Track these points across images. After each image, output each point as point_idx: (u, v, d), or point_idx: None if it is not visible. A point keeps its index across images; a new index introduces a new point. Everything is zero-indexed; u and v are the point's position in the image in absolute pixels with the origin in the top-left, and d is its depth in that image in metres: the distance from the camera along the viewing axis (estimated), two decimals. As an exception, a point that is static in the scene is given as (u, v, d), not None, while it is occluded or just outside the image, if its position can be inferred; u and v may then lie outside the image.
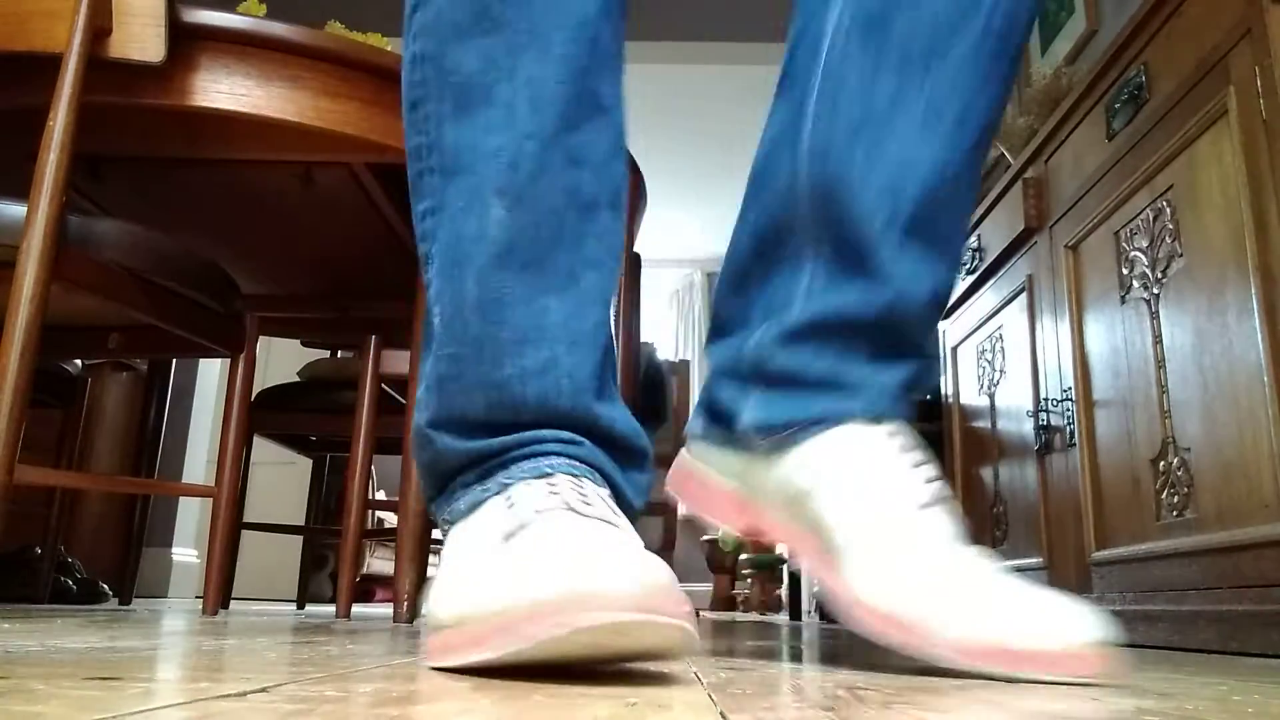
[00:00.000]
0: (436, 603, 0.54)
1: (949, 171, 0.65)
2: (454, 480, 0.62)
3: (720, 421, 0.72)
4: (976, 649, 0.55)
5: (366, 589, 4.22)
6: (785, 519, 0.68)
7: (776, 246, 0.71)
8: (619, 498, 0.61)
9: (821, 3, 0.70)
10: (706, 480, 0.75)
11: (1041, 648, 0.54)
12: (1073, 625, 0.55)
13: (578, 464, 0.59)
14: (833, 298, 0.66)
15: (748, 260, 0.73)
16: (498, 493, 0.57)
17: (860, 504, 0.62)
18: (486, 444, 0.60)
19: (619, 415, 0.63)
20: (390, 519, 3.87)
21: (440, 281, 0.63)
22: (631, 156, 1.93)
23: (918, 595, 0.58)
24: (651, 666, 0.57)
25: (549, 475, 0.57)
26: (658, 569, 0.45)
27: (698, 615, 3.32)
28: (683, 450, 0.78)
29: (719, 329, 0.75)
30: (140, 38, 1.26)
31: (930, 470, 0.64)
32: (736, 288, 0.74)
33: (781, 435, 0.66)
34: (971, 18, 0.65)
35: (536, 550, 0.48)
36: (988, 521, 1.97)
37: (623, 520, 0.55)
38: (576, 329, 0.62)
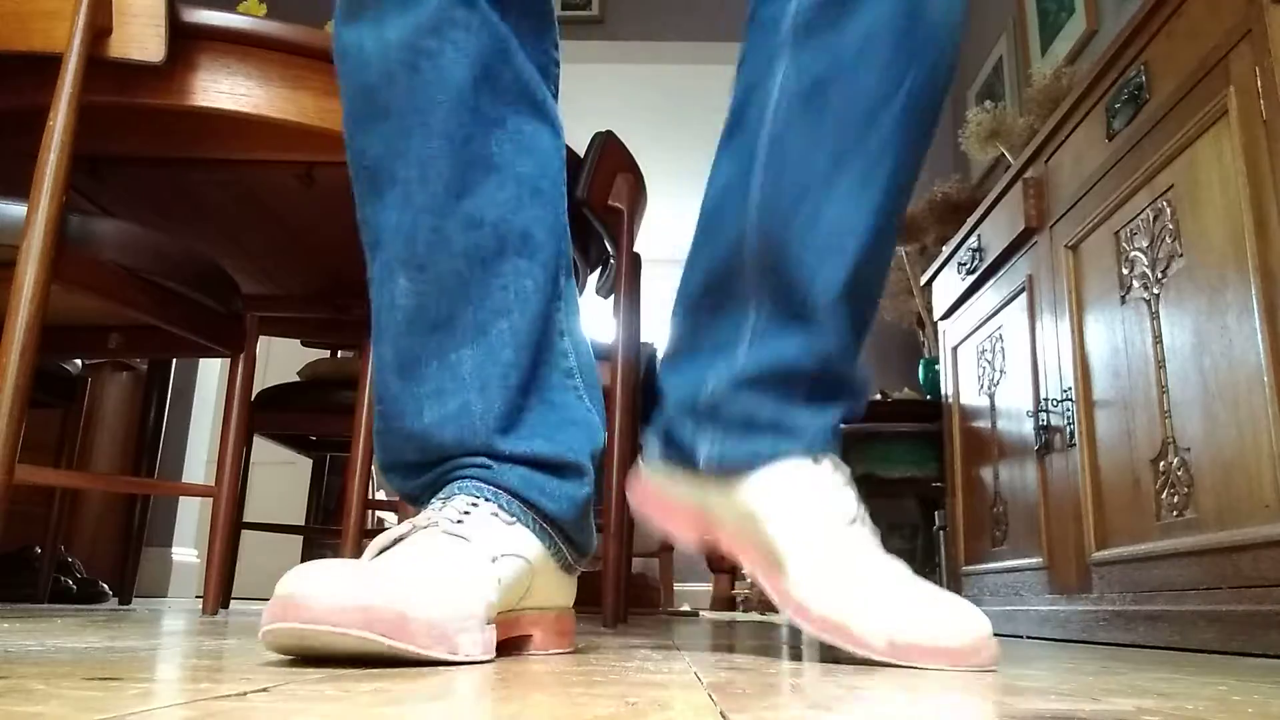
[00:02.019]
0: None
1: (880, 234, 0.73)
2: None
3: (676, 450, 0.79)
4: (897, 646, 0.64)
5: (366, 589, 4.20)
6: (737, 535, 0.76)
7: (725, 287, 0.77)
8: (536, 508, 0.71)
9: (767, 63, 0.74)
10: (665, 498, 0.82)
11: (947, 644, 0.63)
12: (970, 623, 0.64)
13: (484, 485, 0.69)
14: (776, 346, 0.73)
15: (699, 294, 0.80)
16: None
17: (799, 524, 0.71)
18: (422, 481, 0.72)
19: (536, 441, 0.73)
20: (390, 519, 3.87)
21: (372, 347, 0.75)
22: (630, 155, 1.92)
23: (844, 599, 0.67)
24: (651, 666, 0.57)
25: (448, 498, 0.68)
26: (370, 587, 0.52)
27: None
28: (641, 468, 0.84)
29: (673, 353, 0.82)
30: (140, 38, 1.26)
31: (854, 492, 0.74)
32: (689, 314, 0.81)
33: (734, 469, 0.74)
34: (896, 91, 0.71)
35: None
36: (988, 521, 1.97)
37: (473, 530, 0.64)
38: (487, 375, 0.71)
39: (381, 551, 0.62)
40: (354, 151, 0.74)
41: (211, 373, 3.50)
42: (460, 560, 0.61)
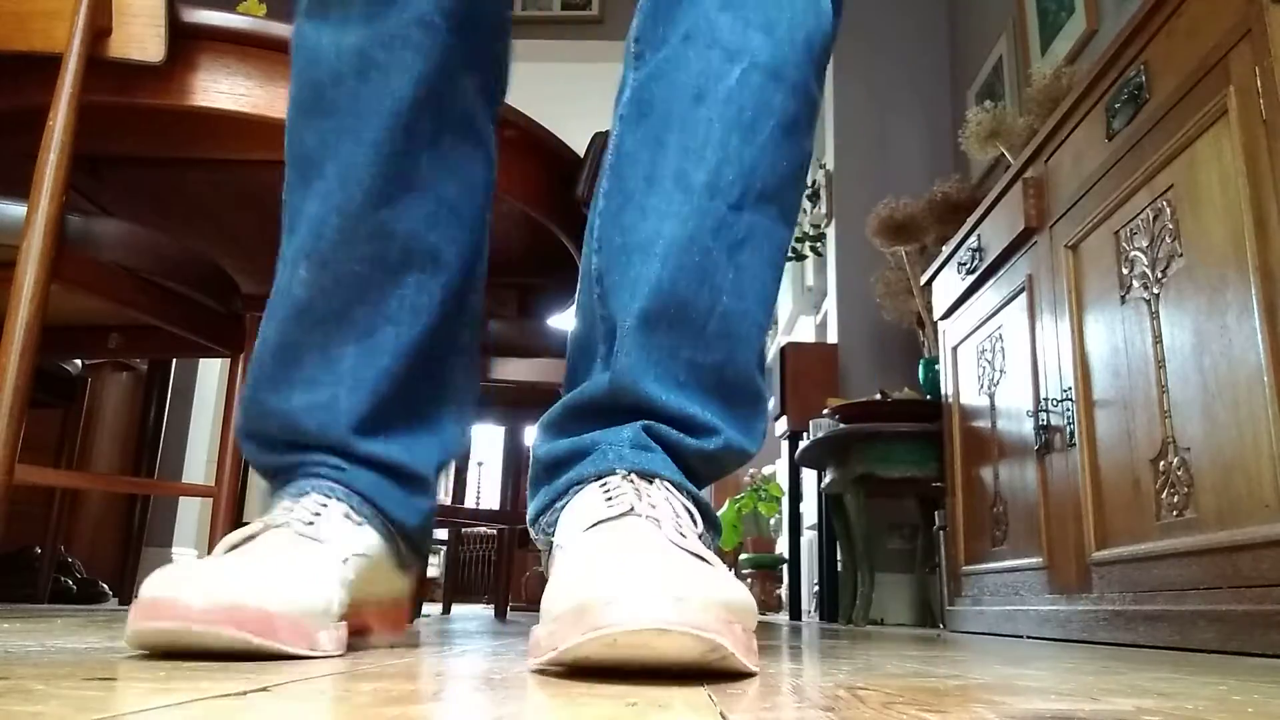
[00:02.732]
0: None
1: (698, 242, 0.65)
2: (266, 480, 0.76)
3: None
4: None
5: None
6: None
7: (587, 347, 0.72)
8: (385, 514, 0.72)
9: (622, 87, 0.73)
10: None
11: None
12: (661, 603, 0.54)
13: (337, 486, 0.71)
14: (587, 385, 0.68)
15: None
16: (273, 505, 0.70)
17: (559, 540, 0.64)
18: (277, 460, 0.74)
19: (394, 448, 0.74)
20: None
21: (261, 324, 0.76)
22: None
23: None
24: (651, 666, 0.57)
25: (300, 496, 0.69)
26: (236, 587, 0.54)
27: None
28: None
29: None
30: (140, 38, 1.26)
31: (617, 500, 0.61)
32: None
33: (544, 521, 0.67)
34: (717, 81, 0.67)
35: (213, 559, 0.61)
36: (988, 521, 1.97)
37: (325, 532, 0.66)
38: (362, 375, 0.73)
39: (233, 548, 0.64)
40: (291, 138, 0.78)
41: (211, 373, 3.50)
42: (315, 561, 0.64)
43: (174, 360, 2.52)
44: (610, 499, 0.60)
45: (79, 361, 2.24)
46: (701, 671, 0.48)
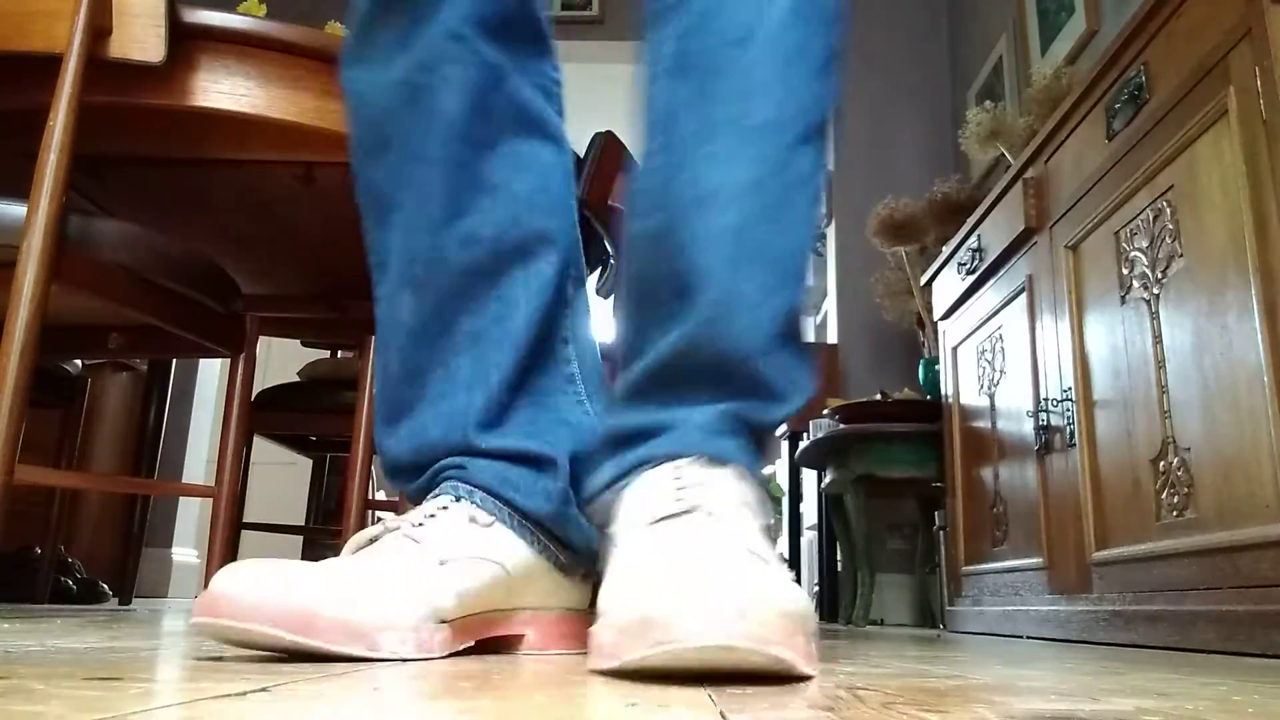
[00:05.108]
0: None
1: (767, 183, 0.66)
2: None
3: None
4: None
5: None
6: None
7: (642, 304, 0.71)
8: (510, 504, 0.72)
9: (655, 44, 0.72)
10: None
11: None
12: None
13: (460, 485, 0.72)
14: (661, 344, 0.66)
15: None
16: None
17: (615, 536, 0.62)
18: (420, 483, 0.75)
19: (513, 436, 0.74)
20: (390, 519, 3.86)
21: (377, 359, 0.79)
22: (630, 155, 1.92)
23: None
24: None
25: (429, 500, 0.71)
26: (285, 587, 0.56)
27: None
28: None
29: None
30: (140, 38, 1.26)
31: (685, 493, 0.60)
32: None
33: (604, 501, 0.66)
34: (757, 24, 0.67)
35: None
36: (988, 521, 1.97)
37: (429, 534, 0.66)
38: (476, 376, 0.75)
39: (358, 549, 0.66)
40: (362, 182, 0.80)
41: (211, 373, 3.50)
42: (401, 562, 0.64)
43: (174, 360, 2.52)
44: (679, 490, 0.60)
45: (79, 361, 2.24)
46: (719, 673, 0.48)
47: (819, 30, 0.69)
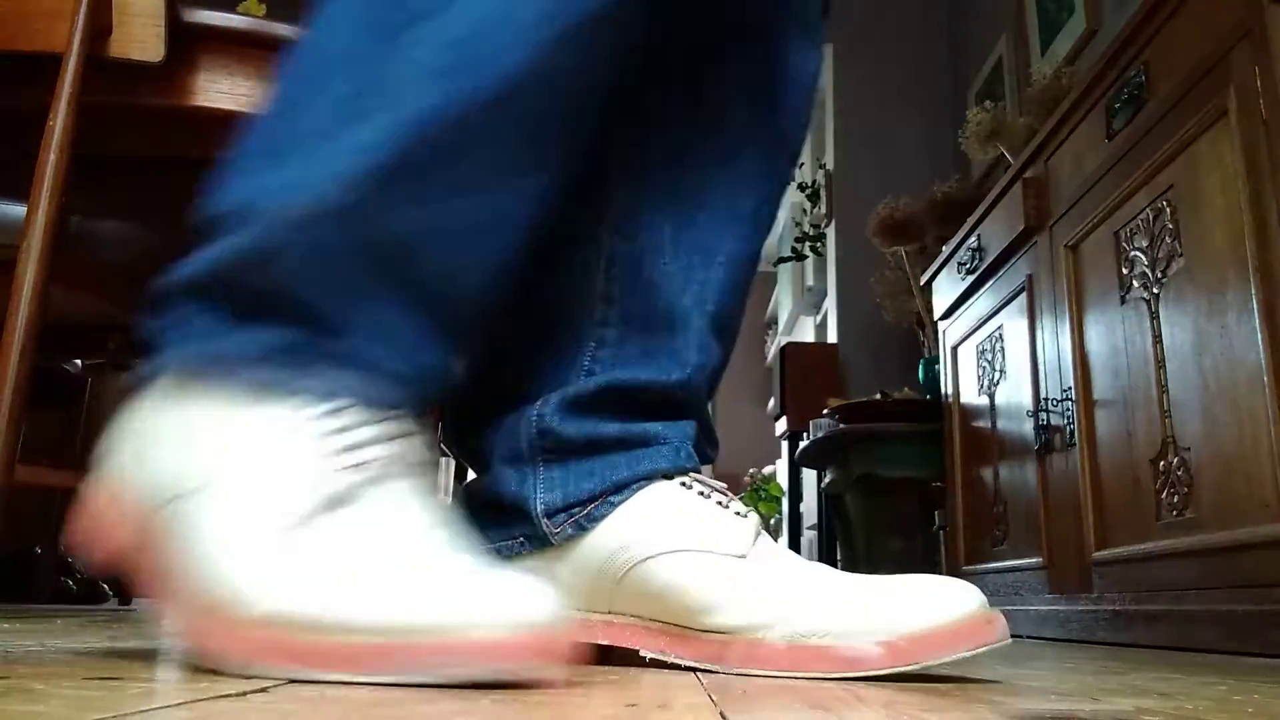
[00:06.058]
0: None
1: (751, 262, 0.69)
2: None
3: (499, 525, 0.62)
4: (899, 648, 0.52)
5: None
6: (603, 609, 0.59)
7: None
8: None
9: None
10: None
11: (954, 623, 0.52)
12: (961, 594, 0.54)
13: None
14: (628, 370, 0.63)
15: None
16: None
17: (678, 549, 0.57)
18: None
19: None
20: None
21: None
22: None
23: (801, 614, 0.54)
24: (651, 666, 0.57)
25: None
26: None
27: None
28: None
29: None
30: (140, 38, 1.26)
31: (738, 504, 0.60)
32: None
33: (583, 512, 0.59)
34: (760, 133, 0.69)
35: None
36: (988, 521, 1.97)
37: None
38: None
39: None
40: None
41: (211, 373, 3.49)
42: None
43: (174, 360, 2.51)
44: (739, 509, 0.59)
45: (79, 361, 2.24)
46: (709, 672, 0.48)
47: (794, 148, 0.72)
